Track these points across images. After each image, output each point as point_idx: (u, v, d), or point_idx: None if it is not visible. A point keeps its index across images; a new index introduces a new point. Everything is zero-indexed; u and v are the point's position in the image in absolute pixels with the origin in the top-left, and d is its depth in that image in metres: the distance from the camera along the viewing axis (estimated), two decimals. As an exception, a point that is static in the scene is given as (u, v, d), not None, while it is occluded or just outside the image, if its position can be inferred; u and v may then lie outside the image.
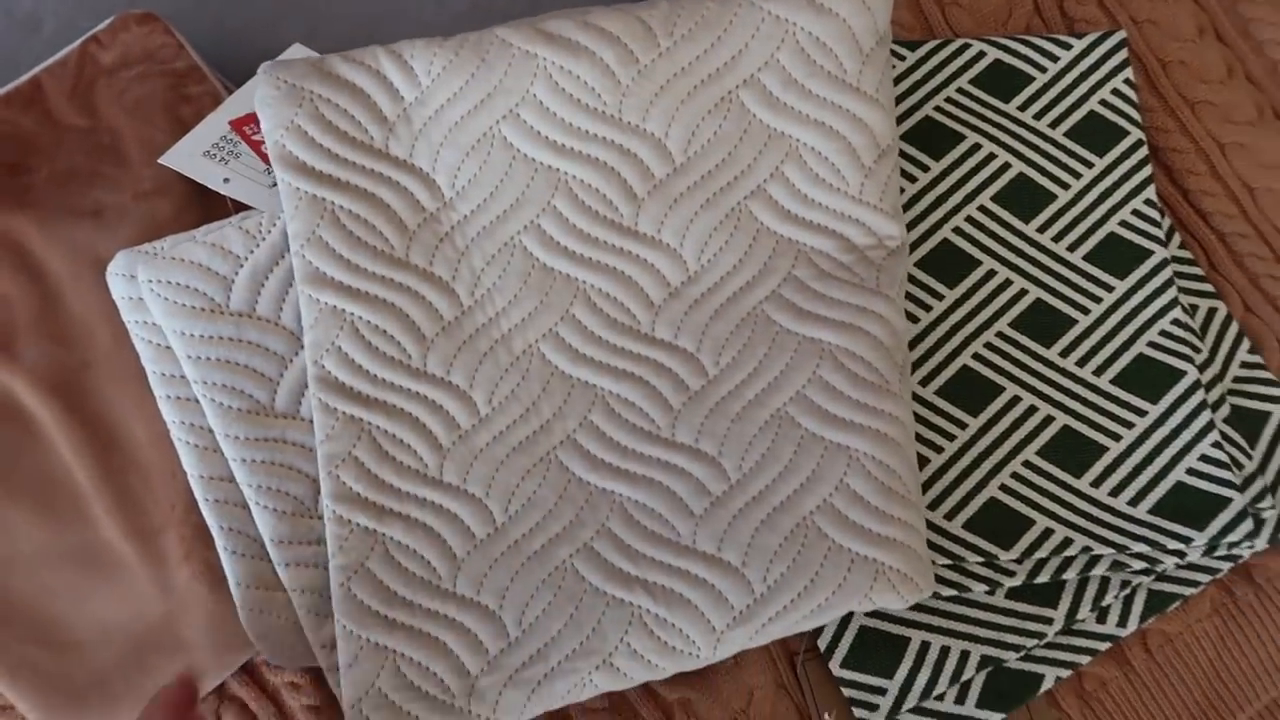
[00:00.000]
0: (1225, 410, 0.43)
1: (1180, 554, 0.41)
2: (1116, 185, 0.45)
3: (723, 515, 0.38)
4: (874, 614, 0.41)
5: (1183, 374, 0.43)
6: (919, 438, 0.42)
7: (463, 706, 0.37)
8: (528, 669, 0.37)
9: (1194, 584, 0.42)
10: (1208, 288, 0.46)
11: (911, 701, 0.40)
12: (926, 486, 0.41)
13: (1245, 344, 0.45)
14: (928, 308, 0.44)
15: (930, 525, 0.41)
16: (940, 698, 0.40)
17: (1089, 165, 0.46)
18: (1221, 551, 0.41)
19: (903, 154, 0.45)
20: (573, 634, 0.37)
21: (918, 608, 0.41)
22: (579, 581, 0.38)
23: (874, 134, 0.40)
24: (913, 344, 0.43)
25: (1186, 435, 0.42)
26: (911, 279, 0.44)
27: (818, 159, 0.40)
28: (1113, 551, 0.40)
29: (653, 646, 0.37)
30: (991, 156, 0.45)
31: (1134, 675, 0.42)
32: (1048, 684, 0.40)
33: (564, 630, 0.37)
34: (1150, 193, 0.45)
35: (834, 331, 0.39)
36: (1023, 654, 0.41)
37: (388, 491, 0.38)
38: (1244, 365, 0.45)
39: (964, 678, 0.40)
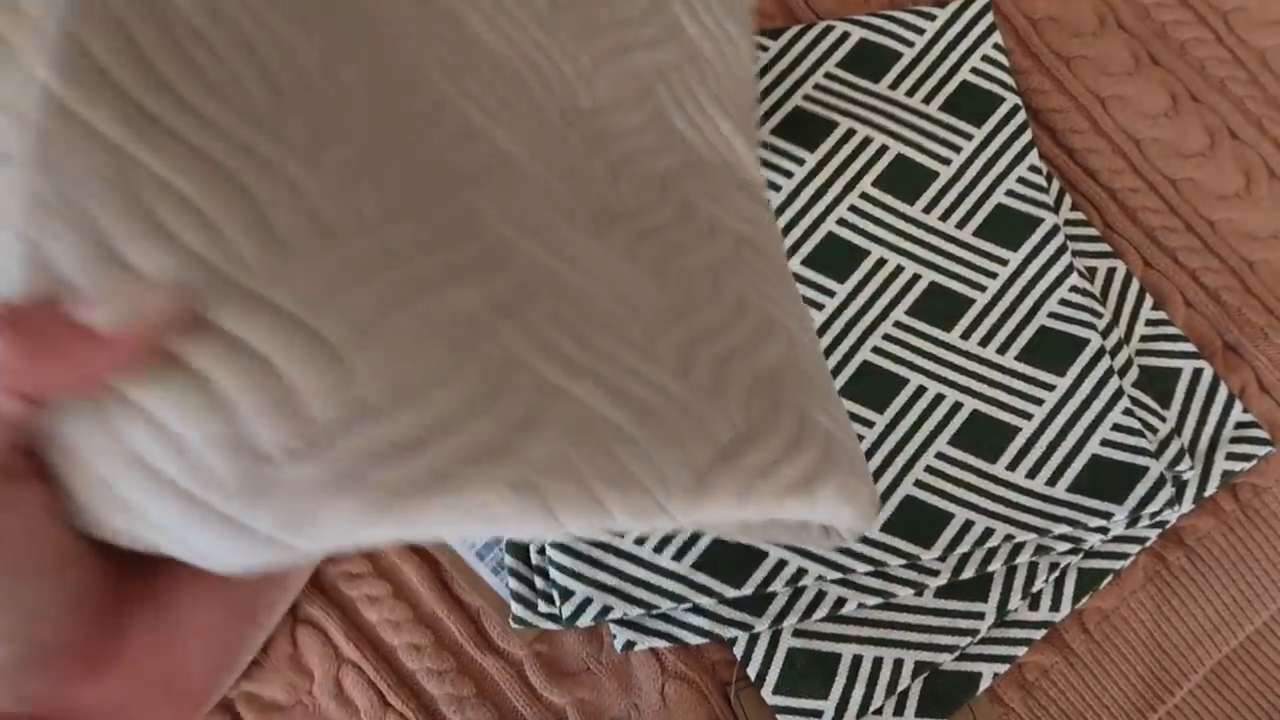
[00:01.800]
0: (1134, 374, 0.42)
1: (1104, 530, 0.39)
2: (998, 155, 0.44)
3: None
4: (801, 633, 0.39)
5: (1086, 342, 0.42)
6: None
7: (221, 506, 0.19)
8: (383, 455, 0.19)
9: (1124, 556, 0.41)
10: (1105, 248, 0.44)
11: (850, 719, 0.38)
12: None
13: (1148, 301, 0.44)
14: (820, 306, 0.42)
15: None
16: (879, 712, 0.39)
17: (968, 138, 0.44)
18: (1146, 521, 0.40)
19: (776, 149, 0.43)
20: (474, 416, 0.20)
21: (845, 620, 0.39)
22: (493, 341, 0.21)
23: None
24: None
25: (1097, 405, 0.41)
26: (800, 279, 0.42)
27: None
28: (1035, 536, 0.39)
29: (607, 471, 0.21)
30: (867, 140, 0.44)
31: (1074, 658, 0.41)
32: (986, 681, 0.39)
33: (460, 407, 0.20)
34: (1033, 158, 0.44)
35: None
36: (958, 654, 0.39)
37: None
38: (1149, 323, 0.44)
39: (900, 687, 0.38)
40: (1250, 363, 0.44)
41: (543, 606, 0.38)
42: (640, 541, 0.38)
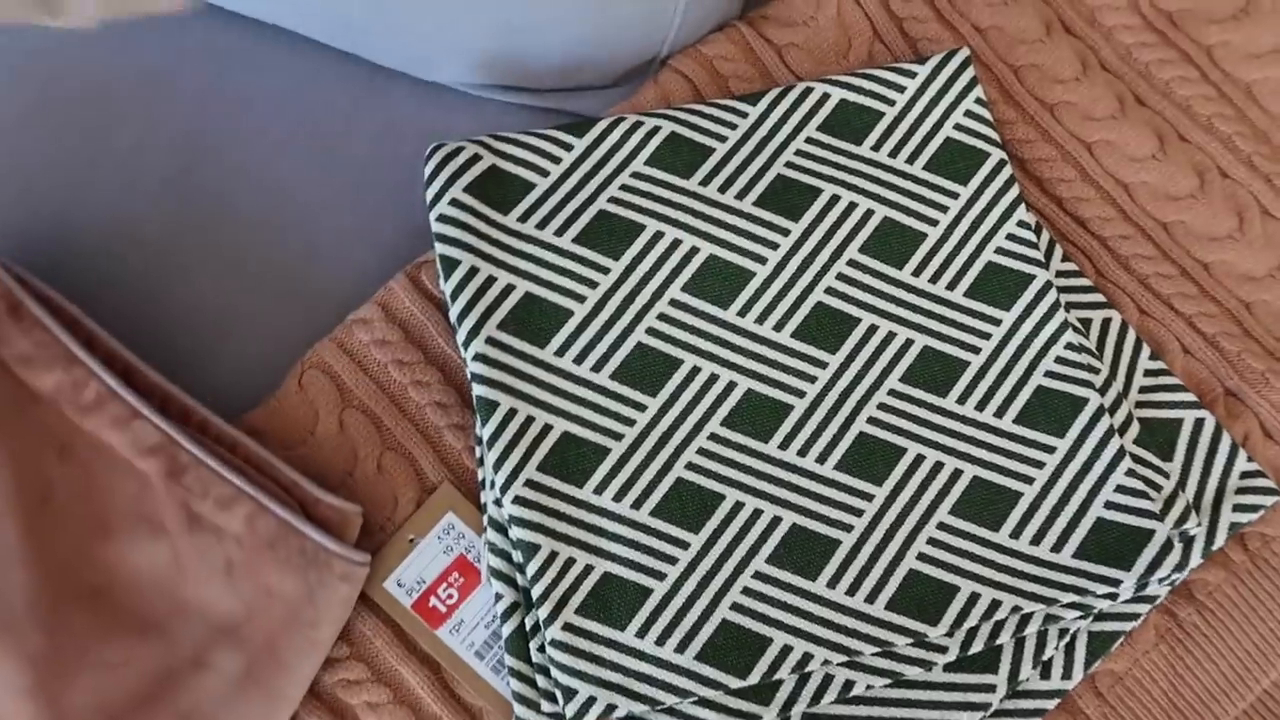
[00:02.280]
0: (1134, 430, 0.41)
1: (1112, 596, 0.39)
2: (985, 212, 0.43)
3: None
4: (811, 716, 0.38)
5: (1085, 401, 0.41)
6: (825, 519, 0.40)
7: None
8: None
9: (1135, 616, 0.40)
10: (1099, 298, 0.44)
11: None
12: (840, 569, 0.39)
13: (1145, 351, 0.43)
14: (812, 379, 0.41)
15: (851, 612, 0.38)
16: None
17: (954, 196, 0.43)
18: (1152, 588, 0.39)
19: (760, 220, 0.43)
20: None
21: (855, 700, 0.39)
22: None
23: None
24: (803, 419, 0.41)
25: (1099, 467, 0.40)
26: (790, 351, 0.41)
27: None
28: (1043, 607, 0.38)
29: None
30: (853, 206, 0.43)
31: (1089, 724, 0.40)
32: (1001, 756, 0.39)
33: None
34: (1022, 213, 0.43)
35: None
36: (970, 729, 0.38)
37: None
38: (1148, 374, 0.43)
39: None
40: (1253, 409, 0.43)
41: (546, 706, 0.37)
42: (642, 634, 0.38)
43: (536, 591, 0.38)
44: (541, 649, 0.38)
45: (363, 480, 0.41)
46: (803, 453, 0.40)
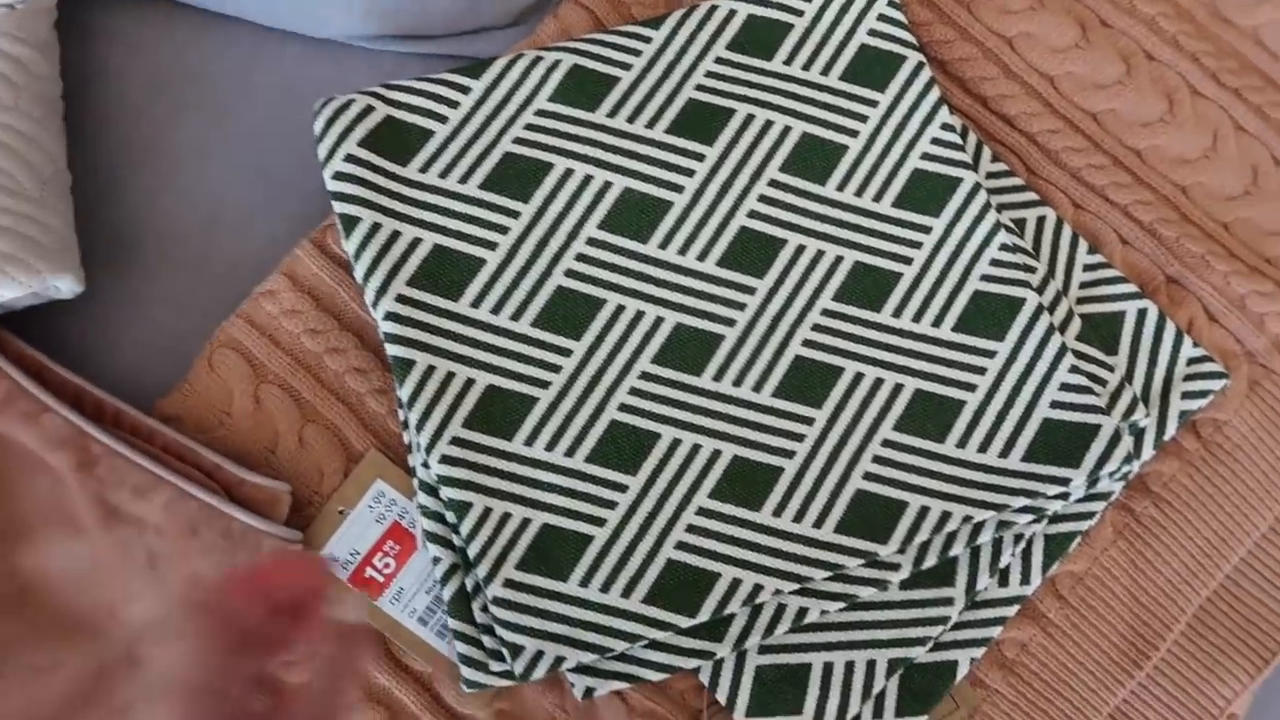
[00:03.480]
0: (1076, 326, 0.40)
1: (1064, 496, 0.38)
2: (907, 118, 0.42)
3: None
4: (767, 648, 0.37)
5: (1023, 302, 0.40)
6: (767, 448, 0.38)
7: None
8: None
9: (1090, 515, 0.39)
10: (1031, 196, 0.42)
11: None
12: (785, 497, 0.38)
13: (1083, 246, 0.42)
14: (741, 306, 0.40)
15: (800, 538, 0.37)
16: (857, 718, 0.37)
17: (873, 105, 0.42)
18: (1107, 480, 0.38)
19: (673, 148, 0.41)
20: None
21: (811, 628, 0.38)
22: None
23: None
24: (735, 348, 0.39)
25: (1041, 367, 0.39)
26: (716, 280, 0.40)
27: None
28: (994, 514, 0.37)
29: None
30: (769, 124, 0.41)
31: (1053, 628, 0.40)
32: (964, 669, 0.38)
33: None
34: (945, 115, 0.42)
35: None
36: (930, 645, 0.38)
37: None
38: (1086, 268, 0.42)
39: (876, 689, 0.37)
40: (1195, 294, 0.42)
41: (494, 666, 0.36)
42: (585, 583, 0.37)
43: (473, 550, 0.36)
44: (485, 609, 0.37)
45: (286, 457, 0.40)
46: (738, 383, 0.39)
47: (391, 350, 0.38)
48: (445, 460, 0.37)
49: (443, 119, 0.41)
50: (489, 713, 0.38)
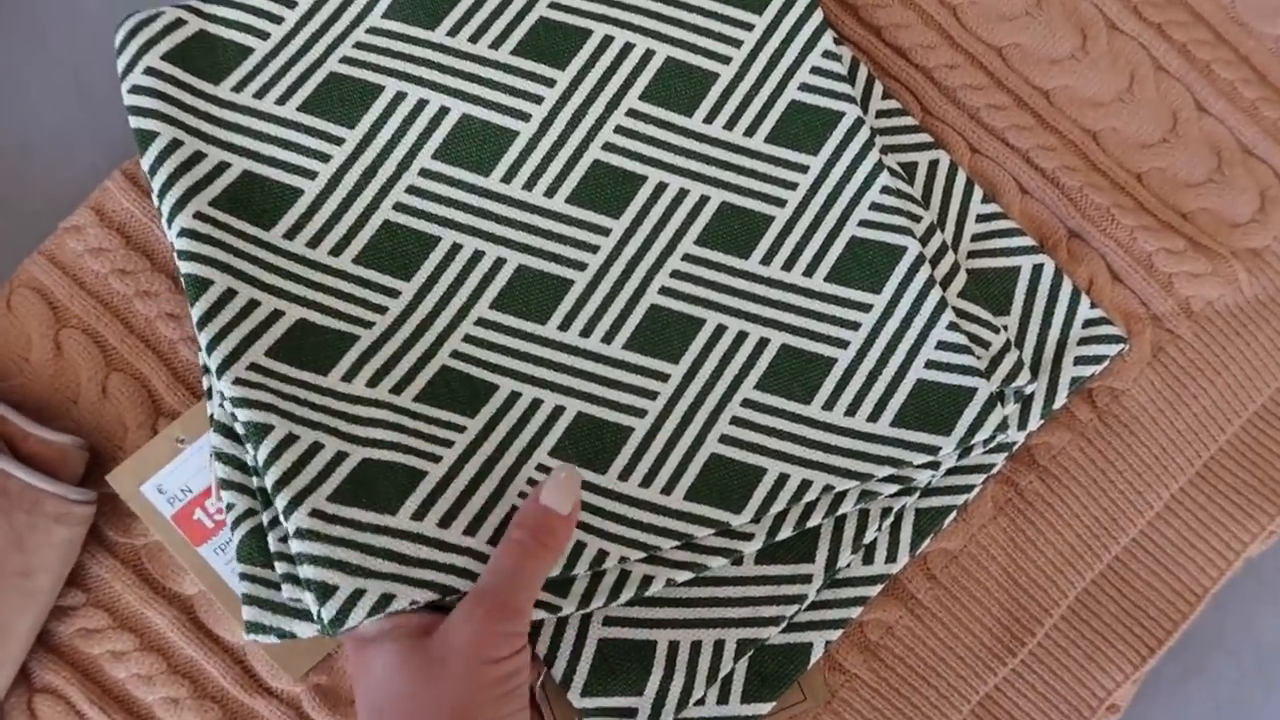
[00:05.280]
0: (961, 281, 0.37)
1: (933, 466, 0.34)
2: (786, 44, 0.38)
3: None
4: (612, 620, 0.34)
5: (903, 250, 0.36)
6: (616, 406, 0.35)
7: None
8: None
9: (967, 489, 0.36)
10: (924, 138, 0.38)
11: (668, 716, 0.33)
12: (633, 461, 0.34)
13: (977, 194, 0.38)
14: (593, 249, 0.36)
15: (647, 505, 0.34)
16: (701, 702, 0.34)
17: (748, 28, 0.38)
18: (980, 450, 0.35)
19: (520, 71, 0.37)
20: None
21: (659, 601, 0.35)
22: None
23: None
24: (585, 294, 0.36)
25: (918, 323, 0.35)
26: (566, 219, 0.36)
27: None
28: (856, 483, 0.34)
29: None
30: (629, 47, 0.37)
31: (921, 610, 0.36)
32: (818, 652, 0.34)
33: None
34: (828, 42, 0.38)
35: None
36: (784, 625, 0.34)
37: None
38: (980, 219, 0.38)
39: (723, 671, 0.34)
40: (1098, 250, 0.38)
41: (300, 628, 0.32)
42: (420, 517, 0.32)
43: (271, 477, 0.31)
44: (285, 558, 0.32)
45: (88, 408, 0.36)
46: (586, 333, 0.35)
47: (185, 268, 0.33)
48: (240, 383, 0.32)
49: (263, 35, 0.36)
50: (304, 686, 0.35)
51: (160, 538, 0.35)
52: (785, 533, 0.34)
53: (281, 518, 0.31)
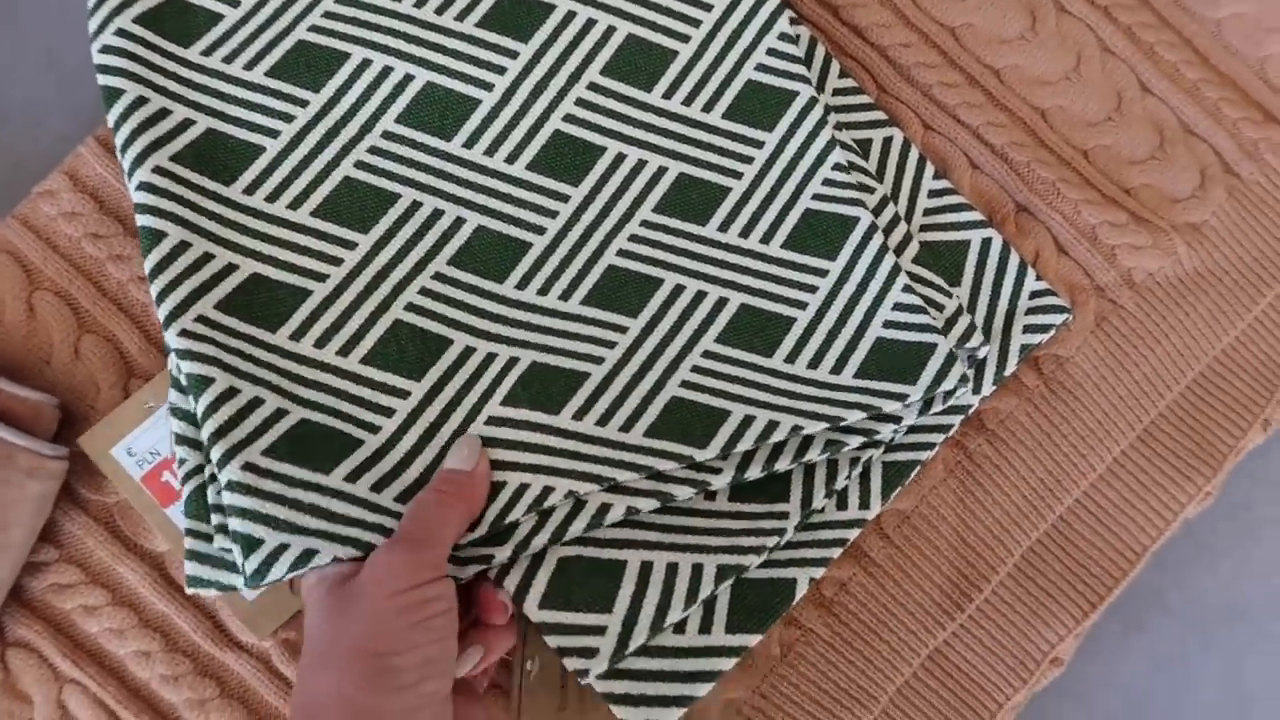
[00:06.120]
0: (914, 249, 0.38)
1: (897, 418, 0.35)
2: (744, 25, 0.39)
3: None
4: (577, 540, 0.34)
5: (856, 220, 0.37)
6: (571, 354, 0.35)
7: None
8: None
9: (929, 446, 0.37)
10: (878, 115, 0.40)
11: (641, 636, 0.32)
12: (589, 402, 0.35)
13: (929, 170, 0.40)
14: (553, 214, 0.37)
15: (602, 441, 0.34)
16: (680, 628, 0.34)
17: (707, 9, 0.39)
18: (941, 405, 0.36)
19: (484, 43, 0.38)
20: None
21: (630, 524, 0.34)
22: None
23: None
24: (543, 256, 0.37)
25: (874, 286, 0.37)
26: (526, 185, 0.37)
27: None
28: (825, 426, 0.34)
29: None
30: (591, 23, 0.38)
31: (874, 567, 0.38)
32: (802, 588, 0.34)
33: None
34: (784, 24, 0.39)
35: None
36: (765, 556, 0.34)
37: None
38: (932, 194, 0.39)
39: (703, 594, 0.33)
40: (1044, 223, 0.40)
41: (225, 576, 0.32)
42: (353, 480, 0.32)
43: (208, 429, 0.32)
44: (221, 511, 0.32)
45: (61, 368, 0.37)
46: (543, 291, 0.36)
47: (141, 220, 0.34)
48: (186, 334, 0.33)
49: (234, 2, 0.37)
50: (274, 641, 0.36)
51: (129, 499, 0.36)
52: (754, 472, 0.34)
53: (215, 470, 0.32)
